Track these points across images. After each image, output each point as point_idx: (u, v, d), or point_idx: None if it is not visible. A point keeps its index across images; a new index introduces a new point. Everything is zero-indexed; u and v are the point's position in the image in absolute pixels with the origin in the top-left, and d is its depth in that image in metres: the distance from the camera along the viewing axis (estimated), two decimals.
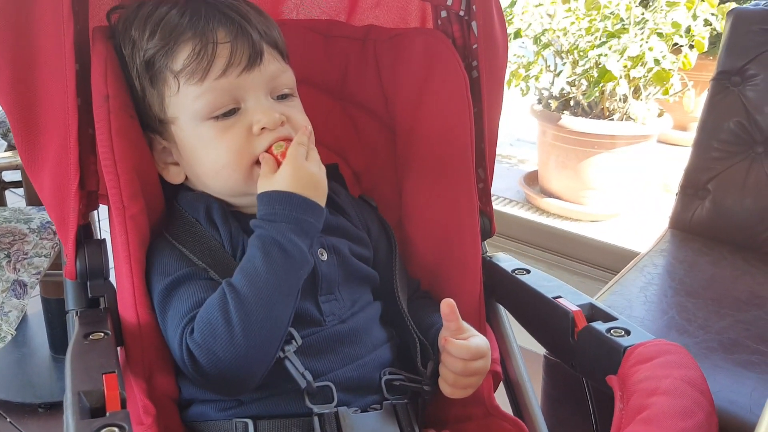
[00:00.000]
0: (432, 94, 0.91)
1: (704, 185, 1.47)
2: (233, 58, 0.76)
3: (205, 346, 0.69)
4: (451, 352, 0.76)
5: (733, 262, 1.37)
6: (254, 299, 0.69)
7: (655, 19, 2.00)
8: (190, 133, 0.78)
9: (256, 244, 0.72)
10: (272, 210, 0.73)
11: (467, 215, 0.91)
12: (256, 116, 0.77)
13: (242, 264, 0.72)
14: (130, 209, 0.74)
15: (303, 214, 0.73)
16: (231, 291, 0.70)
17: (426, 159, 0.93)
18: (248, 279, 0.70)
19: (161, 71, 0.77)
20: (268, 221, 0.73)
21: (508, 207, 2.25)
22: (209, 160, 0.78)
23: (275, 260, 0.71)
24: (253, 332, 0.69)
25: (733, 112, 1.43)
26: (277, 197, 0.73)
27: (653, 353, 0.68)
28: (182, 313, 0.72)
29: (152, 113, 0.79)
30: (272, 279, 0.70)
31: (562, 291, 0.82)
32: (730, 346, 1.13)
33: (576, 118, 2.07)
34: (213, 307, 0.70)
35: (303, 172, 0.74)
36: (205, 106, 0.76)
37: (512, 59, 2.20)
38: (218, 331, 0.69)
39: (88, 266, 0.78)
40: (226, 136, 0.77)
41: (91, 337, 0.70)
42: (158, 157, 0.82)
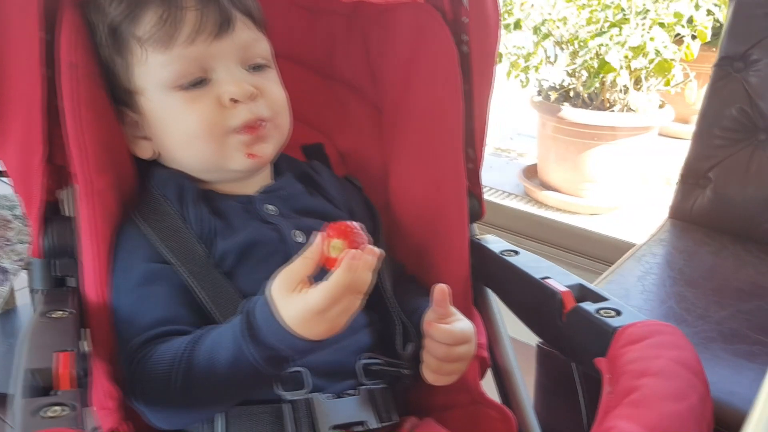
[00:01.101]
0: (421, 69, 0.88)
1: (705, 174, 1.43)
2: (201, 24, 0.72)
3: (145, 388, 0.67)
4: (434, 336, 0.73)
5: (734, 251, 1.33)
6: (203, 386, 0.65)
7: (657, 9, 1.96)
8: (158, 104, 0.75)
9: (231, 347, 0.63)
10: (267, 332, 0.62)
11: (454, 195, 0.87)
12: (226, 87, 0.73)
13: (214, 342, 0.65)
14: (97, 183, 0.71)
15: (295, 354, 0.64)
16: (185, 368, 0.65)
17: (413, 137, 0.89)
18: (207, 367, 0.64)
19: (126, 39, 0.74)
20: (254, 337, 0.63)
21: (507, 200, 2.21)
22: (178, 131, 0.75)
23: (241, 372, 0.64)
24: (190, 405, 0.67)
25: (736, 99, 1.39)
26: (278, 330, 0.61)
27: (644, 333, 0.64)
28: (140, 325, 0.69)
29: (120, 84, 0.76)
30: (229, 383, 0.65)
31: (551, 272, 0.78)
32: (730, 337, 1.09)
33: (576, 110, 2.03)
34: (163, 366, 0.66)
35: (325, 321, 0.61)
36: (172, 74, 0.73)
37: (512, 50, 2.17)
38: (158, 389, 0.66)
39: (55, 244, 0.75)
40: (195, 106, 0.73)
41: (52, 315, 0.67)
42: (128, 131, 0.79)
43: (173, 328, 0.69)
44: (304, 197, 0.82)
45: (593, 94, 2.06)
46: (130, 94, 0.76)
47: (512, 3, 2.15)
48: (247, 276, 0.74)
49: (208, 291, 0.71)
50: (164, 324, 0.69)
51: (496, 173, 2.38)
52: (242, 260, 0.75)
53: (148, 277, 0.71)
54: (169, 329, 0.69)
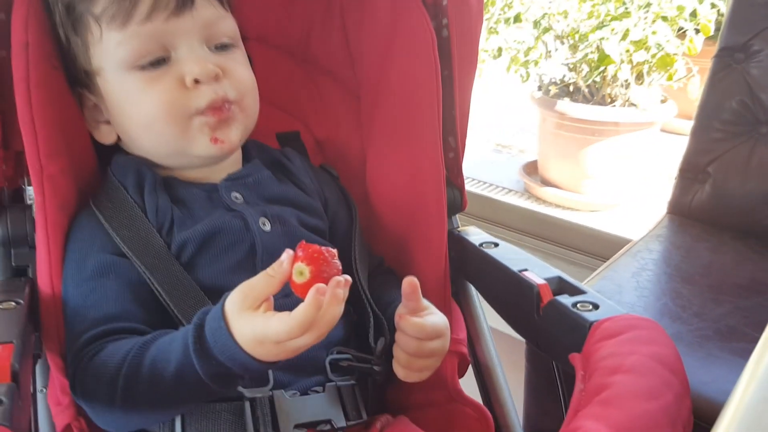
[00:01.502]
0: (397, 53, 0.84)
1: (704, 168, 1.38)
2: (159, 0, 0.69)
3: (87, 390, 0.64)
4: (405, 330, 0.69)
5: (734, 247, 1.29)
6: (146, 395, 0.62)
7: (659, 2, 1.92)
8: (116, 85, 0.71)
9: (179, 356, 0.60)
10: (222, 359, 0.59)
11: (432, 185, 0.84)
12: (188, 66, 0.70)
13: (159, 351, 0.62)
14: (47, 168, 0.68)
15: (245, 373, 0.61)
16: (129, 371, 0.62)
17: (389, 124, 0.86)
18: (151, 376, 0.61)
19: (82, 16, 0.70)
20: (203, 351, 0.59)
21: (506, 197, 2.18)
22: (138, 114, 0.71)
23: (186, 386, 0.61)
24: (131, 411, 0.64)
25: (736, 91, 1.35)
26: (230, 348, 0.58)
27: (621, 328, 0.60)
28: (86, 320, 0.66)
29: (79, 65, 0.73)
30: (173, 394, 0.62)
31: (529, 264, 0.75)
32: (728, 334, 1.05)
33: (576, 105, 1.99)
34: (109, 369, 0.63)
35: (281, 349, 0.58)
36: (129, 53, 0.70)
37: (512, 44, 2.13)
38: (100, 394, 0.63)
39: (10, 232, 0.72)
40: (155, 87, 0.70)
41: (1, 305, 0.64)
42: (89, 115, 0.76)
43: (123, 325, 0.66)
44: (272, 184, 0.78)
45: (594, 89, 2.02)
46: (89, 76, 0.73)
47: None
48: (208, 267, 0.71)
49: (163, 284, 0.68)
50: (114, 321, 0.66)
51: (496, 170, 2.35)
52: (203, 250, 0.71)
53: (100, 269, 0.68)
54: (119, 326, 0.66)
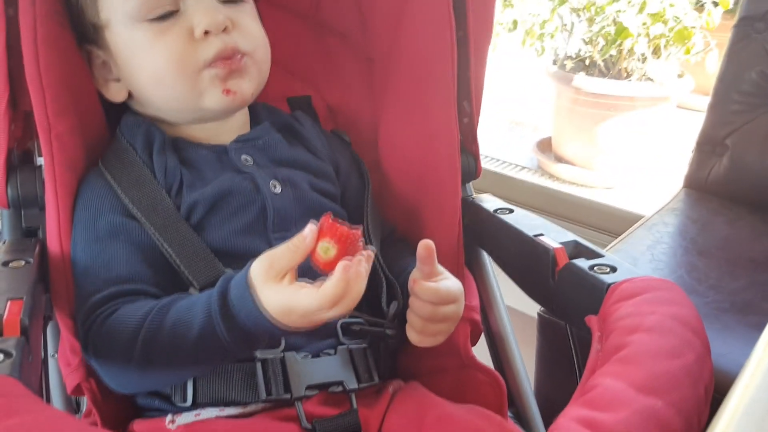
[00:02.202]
0: (411, 14, 0.82)
1: (722, 141, 1.36)
2: None
3: (102, 351, 0.63)
4: (419, 294, 0.68)
5: (751, 222, 1.27)
6: (165, 357, 0.62)
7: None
8: (125, 38, 0.70)
9: (202, 319, 0.60)
10: (241, 313, 0.59)
11: (446, 150, 0.82)
12: (197, 17, 0.68)
13: (181, 314, 0.62)
14: (55, 127, 0.67)
15: (268, 338, 0.62)
16: (149, 335, 0.61)
17: (403, 88, 0.84)
18: (172, 340, 0.61)
19: None
20: (227, 315, 0.59)
21: (520, 173, 2.16)
22: (147, 67, 0.70)
23: (207, 349, 0.61)
24: (147, 374, 0.63)
25: (756, 61, 1.32)
26: (256, 317, 0.58)
27: (639, 289, 0.59)
28: (97, 283, 0.65)
29: (86, 19, 0.72)
30: (193, 357, 0.62)
31: (545, 229, 0.73)
32: (744, 308, 1.03)
33: (591, 78, 1.96)
34: (126, 330, 0.62)
35: (305, 321, 0.58)
36: (138, 5, 0.68)
37: (526, 18, 2.10)
38: (117, 353, 0.62)
39: (21, 193, 0.72)
40: (164, 39, 0.69)
41: (11, 264, 0.64)
42: (98, 73, 0.75)
43: (134, 287, 0.66)
44: (282, 147, 0.77)
45: (610, 63, 1.99)
46: (97, 30, 0.72)
47: None
48: (217, 228, 0.70)
49: (174, 246, 0.68)
50: (124, 282, 0.66)
51: (509, 147, 2.33)
52: (213, 211, 0.71)
53: (110, 230, 0.68)
54: (130, 288, 0.66)
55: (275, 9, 0.86)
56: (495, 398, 0.76)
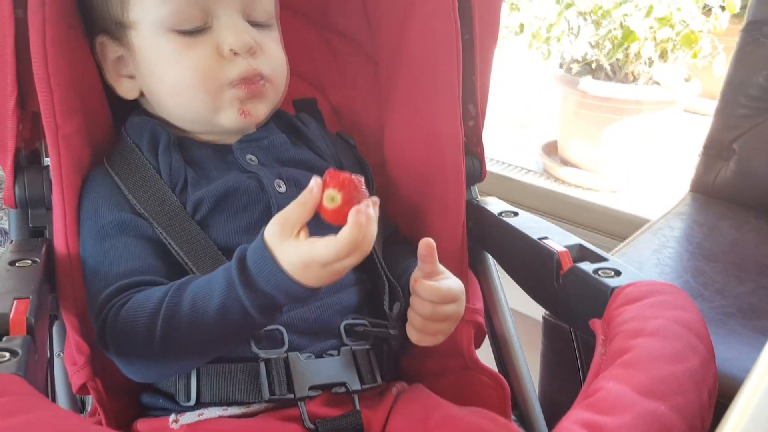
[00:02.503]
0: (416, 16, 0.83)
1: (729, 145, 1.35)
2: None
3: (121, 340, 0.63)
4: (420, 293, 0.68)
5: (758, 226, 1.27)
6: (187, 334, 0.62)
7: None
8: (151, 43, 0.70)
9: (222, 289, 0.60)
10: (261, 277, 0.59)
11: (450, 152, 0.82)
12: (226, 36, 0.69)
13: (199, 289, 0.62)
14: (63, 128, 0.68)
15: (290, 300, 0.61)
16: (169, 313, 0.61)
17: (408, 90, 0.84)
18: (192, 316, 0.61)
19: None
20: (248, 282, 0.59)
21: (526, 177, 2.16)
22: (170, 77, 0.71)
23: (229, 321, 0.60)
24: (171, 357, 0.63)
25: (764, 66, 1.31)
26: (276, 274, 0.58)
27: (643, 293, 0.59)
28: (109, 274, 0.66)
29: (110, 13, 0.72)
30: (214, 332, 0.62)
31: (550, 232, 0.73)
32: (750, 312, 1.03)
33: (597, 82, 1.96)
34: (144, 314, 0.62)
35: (326, 272, 0.58)
36: (172, 15, 0.69)
37: (533, 21, 2.10)
38: (137, 339, 0.62)
39: (27, 194, 0.72)
40: (191, 53, 0.70)
41: (18, 264, 0.64)
42: (111, 67, 0.75)
43: (145, 278, 0.66)
44: (287, 147, 0.77)
45: (617, 66, 1.99)
46: (121, 27, 0.72)
47: None
48: (222, 226, 0.71)
49: (181, 244, 0.68)
50: (137, 274, 0.66)
51: (515, 149, 2.33)
52: (218, 209, 0.71)
53: (118, 227, 0.68)
54: (141, 279, 0.66)
55: (282, 11, 0.86)
56: (498, 401, 0.76)
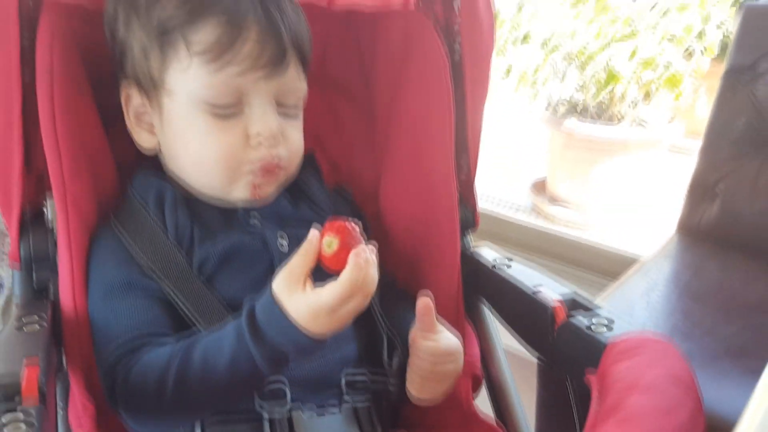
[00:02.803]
0: (411, 77, 0.86)
1: (713, 187, 1.39)
2: (257, 60, 0.71)
3: (131, 396, 0.64)
4: (419, 351, 0.70)
5: (743, 266, 1.30)
6: (197, 392, 0.64)
7: (666, 22, 1.94)
8: (183, 113, 0.72)
9: (232, 343, 0.62)
10: (271, 330, 0.61)
11: (445, 206, 0.85)
12: (257, 125, 0.72)
13: (209, 344, 0.64)
14: (71, 190, 0.70)
15: (299, 354, 0.63)
16: (180, 368, 0.63)
17: (403, 145, 0.87)
18: (203, 369, 0.63)
19: (176, 41, 0.71)
20: (257, 335, 0.61)
21: (515, 214, 2.19)
22: (194, 150, 0.73)
23: (239, 373, 0.62)
24: (182, 410, 0.65)
25: (744, 111, 1.36)
26: (285, 327, 0.60)
27: (635, 347, 0.61)
28: (118, 333, 0.67)
29: (147, 69, 0.73)
30: (225, 385, 0.63)
31: (543, 281, 0.75)
32: (738, 353, 1.05)
33: (583, 123, 2.01)
34: (155, 370, 0.64)
35: (335, 318, 0.61)
36: (210, 96, 0.71)
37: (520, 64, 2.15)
38: (148, 393, 0.64)
39: (33, 252, 0.73)
40: (220, 135, 0.72)
41: (25, 326, 0.65)
42: (133, 112, 0.76)
43: (156, 331, 0.67)
44: (289, 210, 0.80)
45: (602, 108, 2.04)
46: (156, 87, 0.73)
47: (520, 17, 2.13)
48: (226, 284, 0.72)
49: (190, 301, 0.70)
50: (144, 332, 0.67)
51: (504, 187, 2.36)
52: (223, 267, 0.73)
53: (127, 284, 0.70)
54: (153, 332, 0.67)
55: None
56: None
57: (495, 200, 2.26)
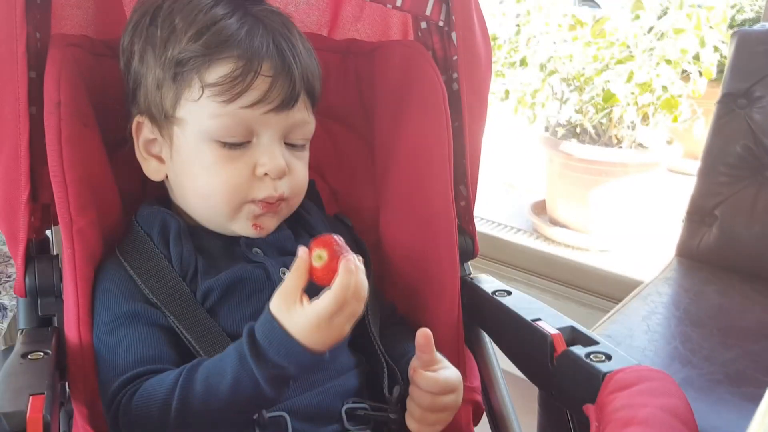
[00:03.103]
0: (409, 107, 0.87)
1: (711, 211, 1.40)
2: (268, 95, 0.72)
3: (135, 424, 0.65)
4: (419, 384, 0.71)
5: (741, 291, 1.30)
6: (200, 415, 0.64)
7: (663, 46, 1.96)
8: (192, 145, 0.74)
9: (234, 364, 0.63)
10: (271, 348, 0.62)
11: (444, 234, 0.86)
12: (264, 159, 0.73)
13: (211, 368, 0.65)
14: (77, 222, 0.70)
15: (299, 370, 0.64)
16: (182, 394, 0.64)
17: (402, 174, 0.88)
18: (206, 393, 0.63)
19: (190, 74, 0.72)
20: (257, 354, 0.62)
21: (515, 236, 2.19)
22: (201, 182, 0.74)
23: (242, 394, 0.63)
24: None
25: (740, 136, 1.37)
26: (284, 342, 0.62)
27: (633, 380, 0.62)
28: (122, 364, 0.68)
29: (161, 103, 0.74)
30: (228, 408, 0.64)
31: (543, 313, 0.76)
32: (737, 379, 1.06)
33: (582, 145, 2.02)
34: (158, 397, 0.64)
35: (333, 329, 0.62)
36: (220, 129, 0.72)
37: (518, 87, 2.17)
38: (152, 421, 0.64)
39: (38, 283, 0.74)
40: (228, 167, 0.73)
41: (30, 356, 0.66)
42: (143, 144, 0.78)
43: (157, 366, 0.68)
44: (291, 242, 0.81)
45: (600, 130, 2.05)
46: (167, 117, 0.75)
47: (518, 40, 2.16)
48: (230, 314, 0.73)
49: (192, 331, 0.70)
50: (148, 363, 0.68)
51: (504, 209, 2.37)
52: (226, 297, 0.74)
53: (131, 316, 0.70)
54: (153, 368, 0.68)
55: None
56: None
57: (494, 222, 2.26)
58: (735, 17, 2.45)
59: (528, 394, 0.98)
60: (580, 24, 2.07)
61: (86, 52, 0.80)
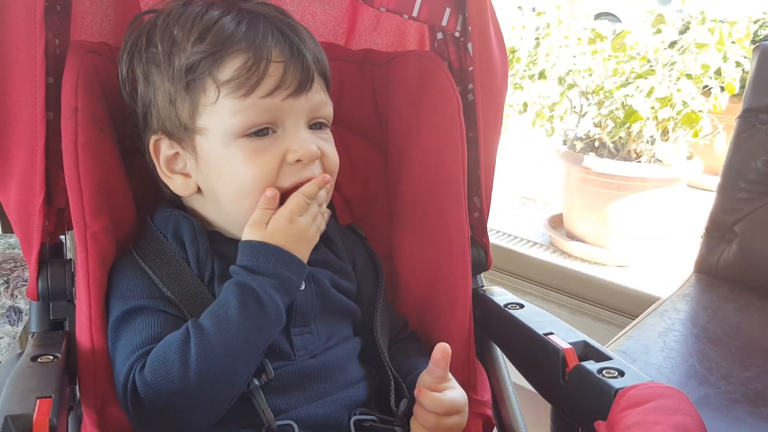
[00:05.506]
0: (423, 117, 0.87)
1: (731, 227, 1.38)
2: (284, 80, 0.72)
3: (155, 385, 0.64)
4: (424, 404, 0.70)
5: (761, 308, 1.28)
6: (220, 347, 0.65)
7: (684, 60, 1.94)
8: (219, 150, 0.73)
9: (234, 291, 0.68)
10: (255, 261, 0.69)
11: (457, 245, 0.85)
12: (294, 146, 0.73)
13: (214, 308, 0.68)
14: (91, 226, 0.71)
15: (287, 270, 0.69)
16: (197, 333, 0.65)
17: (416, 185, 0.88)
18: (218, 325, 0.65)
19: (202, 78, 0.72)
20: (249, 271, 0.69)
21: (532, 249, 2.18)
22: (236, 181, 0.73)
23: (251, 313, 0.66)
24: (209, 382, 0.64)
25: (761, 151, 1.36)
26: (262, 249, 0.70)
27: (646, 397, 0.61)
28: (134, 345, 0.68)
29: (177, 118, 0.74)
30: (243, 332, 0.66)
31: (555, 327, 0.75)
32: (755, 399, 1.04)
33: (601, 160, 2.00)
34: (173, 345, 0.65)
35: (294, 227, 0.71)
36: (242, 122, 0.72)
37: (536, 100, 2.16)
38: (172, 373, 0.64)
39: (50, 287, 0.75)
40: (260, 158, 0.72)
41: (39, 360, 0.66)
42: (164, 162, 0.76)
43: None
44: None
45: (619, 144, 2.04)
46: (188, 132, 0.74)
47: (537, 53, 2.15)
48: None
49: None
50: (157, 342, 0.67)
51: (520, 222, 2.36)
52: None
53: (146, 303, 0.70)
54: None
55: None
56: None
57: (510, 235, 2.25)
58: (758, 32, 2.42)
59: (540, 408, 0.97)
60: (600, 38, 2.06)
61: (105, 59, 0.80)
